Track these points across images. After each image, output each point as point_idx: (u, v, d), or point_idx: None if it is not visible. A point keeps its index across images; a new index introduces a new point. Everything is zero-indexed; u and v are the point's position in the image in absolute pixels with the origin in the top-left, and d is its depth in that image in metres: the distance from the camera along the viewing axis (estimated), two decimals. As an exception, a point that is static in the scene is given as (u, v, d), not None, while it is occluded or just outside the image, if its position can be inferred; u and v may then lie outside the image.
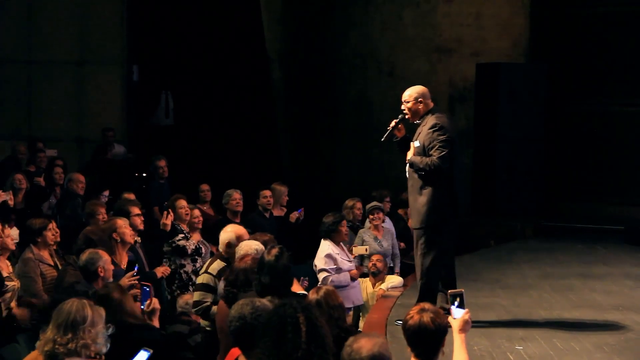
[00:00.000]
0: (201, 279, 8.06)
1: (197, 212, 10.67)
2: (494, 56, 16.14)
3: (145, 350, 5.74)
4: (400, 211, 12.90)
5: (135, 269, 8.16)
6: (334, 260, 9.33)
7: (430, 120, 8.48)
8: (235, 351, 5.70)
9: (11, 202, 11.13)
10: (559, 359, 7.55)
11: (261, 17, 17.02)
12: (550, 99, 15.59)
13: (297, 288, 7.24)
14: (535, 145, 15.49)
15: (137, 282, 7.96)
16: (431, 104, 8.66)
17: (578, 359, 7.57)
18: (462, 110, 16.39)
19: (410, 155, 8.51)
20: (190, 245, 10.04)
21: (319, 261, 9.43)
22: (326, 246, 9.44)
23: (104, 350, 5.35)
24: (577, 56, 15.79)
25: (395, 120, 8.73)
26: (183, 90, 16.67)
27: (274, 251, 6.59)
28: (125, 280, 7.88)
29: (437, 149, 8.34)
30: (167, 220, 9.93)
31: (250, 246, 7.65)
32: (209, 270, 8.02)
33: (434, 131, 8.40)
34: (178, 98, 16.93)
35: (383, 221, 11.35)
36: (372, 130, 17.00)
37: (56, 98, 16.42)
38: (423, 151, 8.42)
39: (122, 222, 8.78)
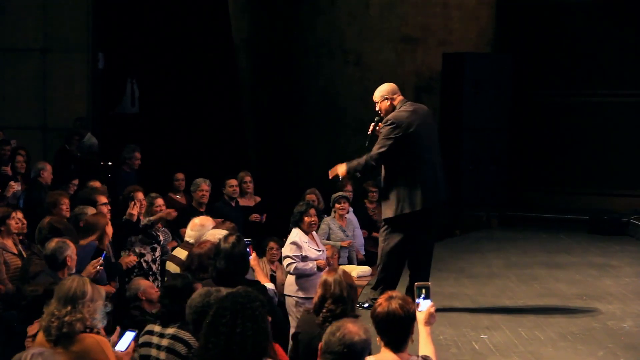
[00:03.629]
0: None
1: (160, 200, 10.61)
2: (461, 46, 16.18)
3: (131, 330, 5.89)
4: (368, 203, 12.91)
5: (102, 256, 8.12)
6: (300, 248, 9.32)
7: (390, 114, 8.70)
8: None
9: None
10: (523, 348, 7.60)
11: (227, 6, 16.94)
12: (515, 89, 15.65)
13: (261, 278, 7.30)
14: (500, 135, 15.54)
15: (102, 269, 7.94)
16: (398, 99, 8.80)
17: (542, 347, 7.62)
18: (428, 100, 16.38)
19: (343, 167, 8.79)
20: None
21: (285, 248, 9.43)
22: (294, 234, 9.43)
23: (100, 325, 5.60)
24: (542, 47, 15.87)
25: (372, 124, 8.85)
26: (149, 79, 16.56)
27: (231, 238, 6.64)
28: (90, 268, 7.85)
29: (377, 144, 8.58)
30: (134, 210, 9.85)
31: (214, 235, 7.66)
32: None
33: (384, 125, 8.62)
34: (144, 86, 16.81)
35: (347, 211, 11.46)
36: (338, 120, 17.04)
37: (20, 86, 16.24)
38: None
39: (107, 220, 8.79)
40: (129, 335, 5.84)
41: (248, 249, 8.04)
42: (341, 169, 8.82)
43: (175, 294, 6.10)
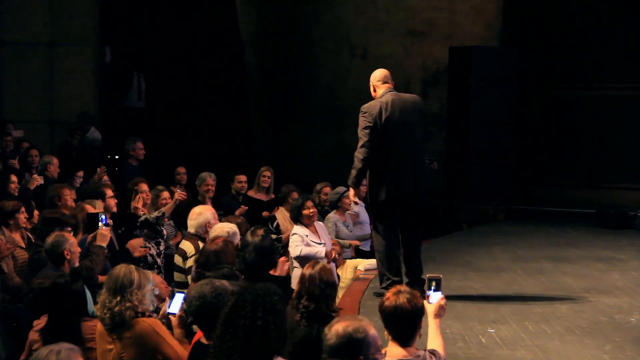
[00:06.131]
0: (192, 261, 7.99)
1: (166, 193, 10.60)
2: (467, 40, 16.14)
3: (180, 292, 6.19)
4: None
5: (102, 220, 8.17)
6: (302, 238, 9.36)
7: None
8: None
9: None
10: (530, 342, 7.59)
11: (235, 0, 16.95)
12: (522, 83, 15.62)
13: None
14: (507, 129, 15.52)
15: (110, 231, 8.06)
16: (383, 87, 8.89)
17: (549, 341, 7.62)
18: (435, 94, 16.40)
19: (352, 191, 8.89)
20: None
21: (291, 242, 9.47)
22: (295, 229, 9.51)
23: (151, 308, 5.87)
24: (549, 40, 15.84)
25: None
26: (155, 73, 16.59)
27: (260, 232, 6.69)
28: (104, 232, 7.96)
29: (359, 139, 8.69)
30: (139, 203, 9.84)
31: (223, 228, 7.67)
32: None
33: (359, 115, 8.77)
34: (150, 80, 16.84)
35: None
36: (345, 114, 17.01)
37: (27, 80, 16.28)
38: None
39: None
40: (179, 297, 6.06)
41: None
42: (352, 193, 8.87)
43: None
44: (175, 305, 6.06)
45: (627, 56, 15.31)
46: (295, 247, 9.33)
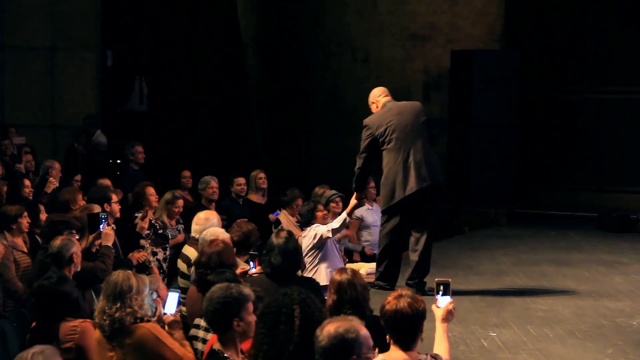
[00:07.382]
0: None
1: (180, 202, 10.53)
2: (469, 43, 16.16)
3: (173, 290, 6.19)
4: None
5: (103, 218, 8.21)
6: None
7: None
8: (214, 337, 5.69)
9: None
10: (532, 345, 7.59)
11: (236, 3, 16.95)
12: (524, 86, 15.63)
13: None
14: (509, 132, 15.54)
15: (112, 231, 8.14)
16: (382, 101, 9.23)
17: (551, 345, 7.62)
18: (437, 97, 16.41)
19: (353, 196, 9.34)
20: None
21: (308, 236, 9.31)
22: (313, 226, 9.35)
23: (150, 314, 5.85)
24: (551, 43, 15.84)
25: None
26: (157, 76, 16.57)
27: (283, 234, 6.71)
28: (108, 231, 8.00)
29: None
30: (145, 223, 9.67)
31: (216, 233, 7.66)
32: None
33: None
34: (152, 84, 16.82)
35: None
36: (347, 117, 17.03)
37: (29, 84, 16.26)
38: None
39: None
40: (173, 296, 6.08)
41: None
42: (352, 198, 9.26)
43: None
44: (170, 305, 6.05)
45: (629, 59, 15.32)
46: (323, 227, 9.17)
